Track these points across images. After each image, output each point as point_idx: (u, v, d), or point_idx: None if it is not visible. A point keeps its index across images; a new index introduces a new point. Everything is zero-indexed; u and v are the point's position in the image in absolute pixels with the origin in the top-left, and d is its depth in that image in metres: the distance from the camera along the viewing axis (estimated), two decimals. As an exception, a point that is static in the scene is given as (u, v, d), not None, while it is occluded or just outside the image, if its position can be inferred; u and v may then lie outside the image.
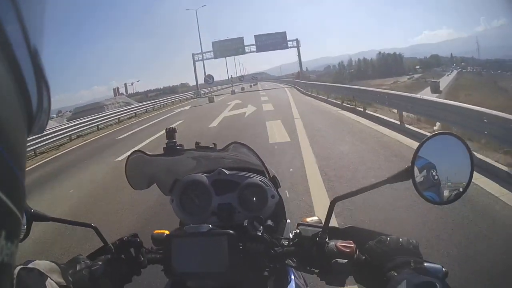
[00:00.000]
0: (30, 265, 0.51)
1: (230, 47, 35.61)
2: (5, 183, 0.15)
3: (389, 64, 69.59)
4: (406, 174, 0.54)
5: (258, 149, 0.75)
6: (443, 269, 0.52)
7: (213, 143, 0.77)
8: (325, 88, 14.25)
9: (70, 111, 28.72)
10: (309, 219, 0.73)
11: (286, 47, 35.79)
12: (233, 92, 25.50)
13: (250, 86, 36.08)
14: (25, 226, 0.60)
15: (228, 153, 0.76)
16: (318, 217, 0.76)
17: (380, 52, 75.47)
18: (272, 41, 35.09)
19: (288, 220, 0.78)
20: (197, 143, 0.76)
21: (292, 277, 0.66)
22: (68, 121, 16.23)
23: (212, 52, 36.05)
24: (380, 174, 3.33)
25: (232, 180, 0.76)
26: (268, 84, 43.30)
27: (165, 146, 0.76)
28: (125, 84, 63.45)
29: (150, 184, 0.83)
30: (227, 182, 0.76)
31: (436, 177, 0.55)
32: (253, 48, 35.33)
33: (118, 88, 59.50)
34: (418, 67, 70.68)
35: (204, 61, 35.54)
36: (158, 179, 0.84)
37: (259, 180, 0.75)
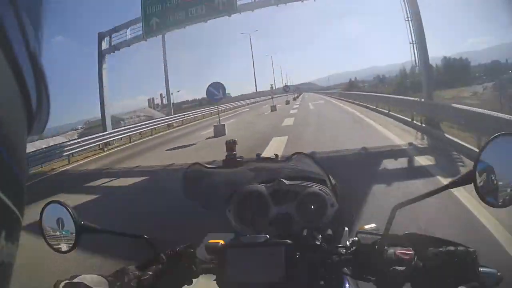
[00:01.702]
0: (76, 280, 0.50)
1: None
2: (5, 183, 0.15)
3: (455, 71, 67.96)
4: (468, 178, 0.53)
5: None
6: (498, 273, 0.54)
7: (275, 154, 0.78)
8: (392, 102, 10.73)
9: (82, 127, 27.61)
10: (367, 227, 0.73)
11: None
12: (273, 109, 19.45)
13: (294, 99, 34.52)
14: (74, 239, 0.61)
15: (289, 163, 0.77)
16: (375, 224, 0.77)
17: (445, 57, 71.64)
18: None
19: (346, 228, 0.79)
20: (258, 154, 0.78)
21: (347, 285, 0.66)
22: (77, 137, 15.11)
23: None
24: None
25: (291, 190, 0.76)
26: (314, 98, 35.79)
27: (224, 158, 0.76)
28: (161, 94, 54.32)
29: (207, 196, 0.85)
30: (286, 192, 0.76)
31: (496, 180, 0.54)
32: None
33: (153, 98, 52.52)
34: (482, 74, 67.07)
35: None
36: (215, 190, 0.85)
37: (319, 189, 0.74)
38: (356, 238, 0.62)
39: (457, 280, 0.51)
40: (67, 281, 0.50)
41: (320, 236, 0.59)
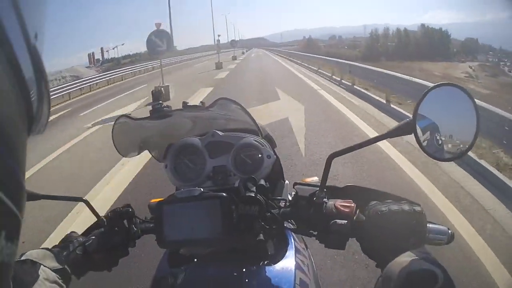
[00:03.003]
0: (23, 257, 0.51)
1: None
2: (5, 183, 0.15)
3: (434, 44, 52.40)
4: (408, 128, 0.51)
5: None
6: (449, 231, 0.52)
7: (201, 102, 0.74)
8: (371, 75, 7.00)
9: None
10: (308, 179, 0.71)
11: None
12: (219, 66, 17.09)
13: (243, 53, 32.24)
14: None
15: (220, 112, 0.73)
16: (318, 177, 0.73)
17: (424, 25, 57.07)
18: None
19: (287, 181, 0.76)
20: (184, 103, 0.73)
21: (292, 240, 0.65)
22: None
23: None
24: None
25: (226, 142, 0.73)
26: (266, 56, 31.62)
27: (151, 108, 0.73)
28: (102, 48, 50.34)
29: (141, 150, 0.80)
30: (221, 144, 0.74)
31: (439, 132, 0.53)
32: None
33: (93, 53, 46.20)
34: (458, 50, 54.57)
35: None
36: (149, 145, 0.81)
37: (254, 140, 0.72)
38: (295, 191, 0.59)
39: (406, 232, 0.49)
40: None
41: (255, 188, 0.57)
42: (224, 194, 0.55)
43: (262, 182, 0.58)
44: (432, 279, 0.42)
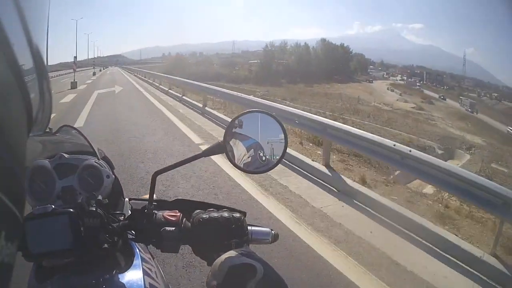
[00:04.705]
0: None
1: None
2: (5, 183, 0.15)
3: (337, 60, 49.17)
4: (220, 148, 0.62)
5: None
6: (272, 232, 0.63)
7: (48, 128, 0.79)
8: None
9: None
10: (143, 196, 0.79)
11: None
12: (73, 86, 14.04)
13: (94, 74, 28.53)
14: None
15: (65, 137, 0.81)
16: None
17: (325, 40, 53.72)
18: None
19: (126, 199, 0.84)
20: None
21: (137, 251, 0.71)
22: None
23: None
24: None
25: (71, 163, 0.79)
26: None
27: None
28: None
29: None
30: (68, 165, 0.79)
31: (250, 149, 0.63)
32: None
33: None
34: (372, 67, 54.80)
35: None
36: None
37: (95, 162, 0.79)
38: (130, 205, 0.69)
39: (228, 235, 0.58)
40: None
41: (95, 203, 0.62)
42: (71, 210, 0.59)
43: (99, 197, 0.64)
44: (251, 271, 0.48)
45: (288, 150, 2.27)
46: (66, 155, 0.81)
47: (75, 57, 21.60)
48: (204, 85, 9.05)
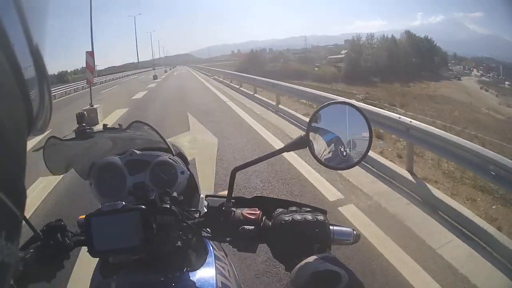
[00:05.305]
0: None
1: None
2: (5, 183, 0.15)
3: (423, 54, 40.45)
4: (302, 142, 0.58)
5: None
6: (354, 232, 0.57)
7: (118, 124, 0.79)
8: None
9: None
10: (221, 193, 0.76)
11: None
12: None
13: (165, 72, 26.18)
14: None
15: (136, 133, 0.80)
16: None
17: (410, 32, 44.74)
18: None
19: (202, 195, 0.83)
20: (104, 125, 0.79)
21: (211, 249, 0.70)
22: None
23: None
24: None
25: (143, 160, 0.79)
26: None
27: (75, 130, 0.77)
28: None
29: (68, 169, 0.85)
30: (139, 162, 0.80)
31: (333, 144, 0.59)
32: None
33: None
34: (453, 61, 46.69)
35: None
36: (75, 164, 0.86)
37: (168, 158, 0.78)
38: (206, 202, 0.66)
39: (310, 239, 0.54)
40: None
41: (169, 200, 0.61)
42: (143, 206, 0.59)
43: (175, 194, 0.63)
44: (335, 279, 0.46)
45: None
46: (137, 152, 0.80)
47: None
48: (312, 92, 6.27)
